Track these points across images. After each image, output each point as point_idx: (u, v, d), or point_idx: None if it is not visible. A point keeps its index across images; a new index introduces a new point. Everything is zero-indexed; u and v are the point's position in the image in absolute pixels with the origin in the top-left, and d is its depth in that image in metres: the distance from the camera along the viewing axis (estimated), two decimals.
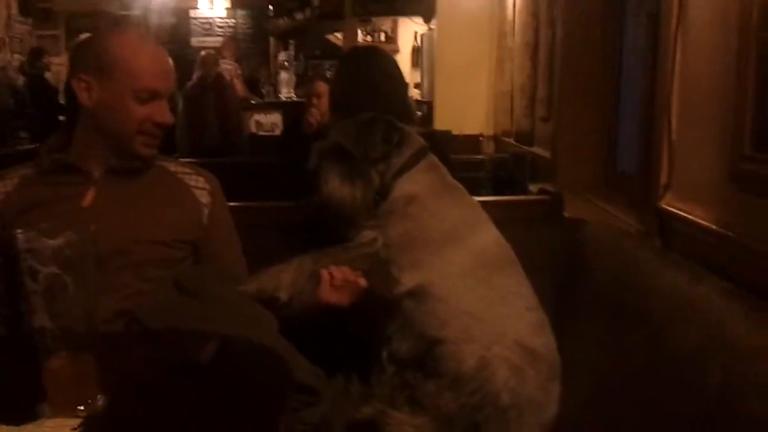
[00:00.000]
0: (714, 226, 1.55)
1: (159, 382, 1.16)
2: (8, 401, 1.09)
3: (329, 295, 1.71)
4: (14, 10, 8.81)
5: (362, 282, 1.73)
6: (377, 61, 2.35)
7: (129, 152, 1.69)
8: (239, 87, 7.44)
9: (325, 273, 1.70)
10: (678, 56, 1.76)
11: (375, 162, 1.78)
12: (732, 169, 1.47)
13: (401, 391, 1.78)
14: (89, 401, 1.03)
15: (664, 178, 1.84)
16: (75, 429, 0.96)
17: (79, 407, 1.01)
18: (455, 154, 3.12)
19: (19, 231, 1.02)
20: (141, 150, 1.69)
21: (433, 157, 1.86)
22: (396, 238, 1.74)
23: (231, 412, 1.07)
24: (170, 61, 1.73)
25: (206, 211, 1.79)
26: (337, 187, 1.73)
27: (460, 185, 1.89)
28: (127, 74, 1.62)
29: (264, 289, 1.67)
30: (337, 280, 1.71)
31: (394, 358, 1.78)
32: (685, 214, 1.70)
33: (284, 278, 1.69)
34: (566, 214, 2.20)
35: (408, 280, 1.72)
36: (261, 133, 6.97)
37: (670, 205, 1.80)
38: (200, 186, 1.81)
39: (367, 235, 1.76)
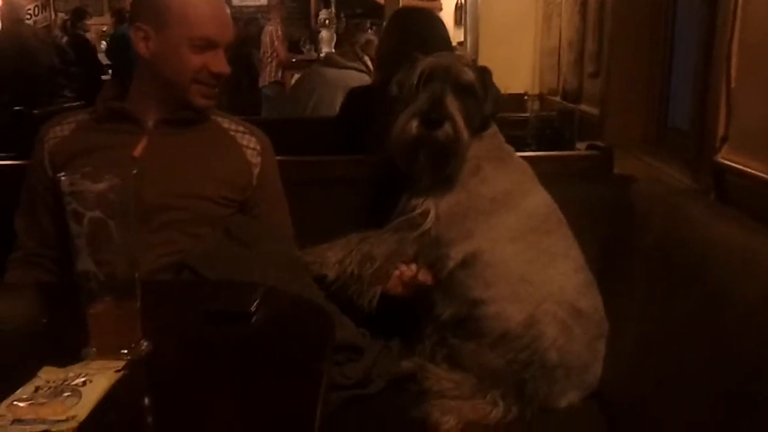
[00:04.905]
0: None
1: (204, 330, 1.16)
2: (55, 344, 1.11)
3: (396, 288, 1.70)
4: None
5: (430, 281, 1.71)
6: (426, 23, 2.33)
7: (184, 102, 1.69)
8: (280, 50, 7.45)
9: (396, 270, 1.68)
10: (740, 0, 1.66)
11: (483, 115, 1.70)
12: None
13: (441, 348, 1.78)
14: (133, 345, 1.03)
15: (721, 130, 1.75)
16: (119, 371, 0.96)
17: (122, 351, 1.02)
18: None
19: (62, 174, 1.02)
20: (197, 100, 1.69)
21: (493, 123, 1.81)
22: (447, 210, 1.69)
23: (275, 364, 1.06)
24: (227, 10, 1.71)
25: (256, 171, 1.78)
26: (462, 126, 1.62)
27: (512, 149, 1.84)
28: (182, 22, 1.62)
29: (310, 264, 1.66)
30: (406, 277, 1.69)
31: (435, 320, 1.77)
32: (743, 168, 1.61)
33: (330, 256, 1.67)
34: (616, 172, 2.13)
35: (457, 254, 1.69)
36: None
37: (727, 158, 1.72)
38: (251, 146, 1.79)
39: (422, 205, 1.70)
